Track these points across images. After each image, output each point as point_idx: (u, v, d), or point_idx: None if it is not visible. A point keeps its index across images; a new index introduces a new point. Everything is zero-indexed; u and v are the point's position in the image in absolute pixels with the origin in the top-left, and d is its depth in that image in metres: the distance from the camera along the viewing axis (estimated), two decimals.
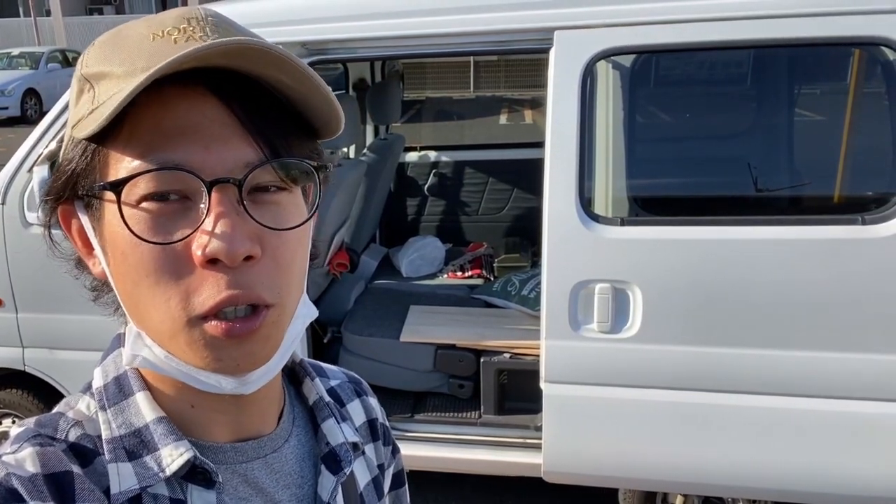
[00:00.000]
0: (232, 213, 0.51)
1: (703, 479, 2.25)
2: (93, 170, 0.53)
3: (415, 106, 12.51)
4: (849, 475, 2.13)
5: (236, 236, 0.50)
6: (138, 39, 0.52)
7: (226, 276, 0.51)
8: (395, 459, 0.80)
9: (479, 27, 2.19)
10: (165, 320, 0.52)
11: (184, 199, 0.52)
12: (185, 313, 0.52)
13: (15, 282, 2.61)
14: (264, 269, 0.53)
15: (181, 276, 0.51)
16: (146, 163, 0.50)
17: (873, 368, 2.04)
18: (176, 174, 0.50)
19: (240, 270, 0.51)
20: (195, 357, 0.53)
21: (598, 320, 2.15)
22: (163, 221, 0.51)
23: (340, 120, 0.57)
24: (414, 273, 3.70)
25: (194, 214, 0.51)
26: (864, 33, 1.96)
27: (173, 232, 0.51)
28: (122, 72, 0.51)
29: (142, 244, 0.51)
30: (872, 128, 2.33)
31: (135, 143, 0.51)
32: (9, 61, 15.77)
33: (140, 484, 0.55)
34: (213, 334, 0.52)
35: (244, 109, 0.52)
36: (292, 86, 0.53)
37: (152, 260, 0.51)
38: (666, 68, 2.86)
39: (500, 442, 2.54)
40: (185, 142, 0.51)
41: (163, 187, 0.51)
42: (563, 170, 2.11)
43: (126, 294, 0.55)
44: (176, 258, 0.51)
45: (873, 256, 1.99)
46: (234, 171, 0.51)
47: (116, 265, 0.54)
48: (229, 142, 0.52)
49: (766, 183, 2.44)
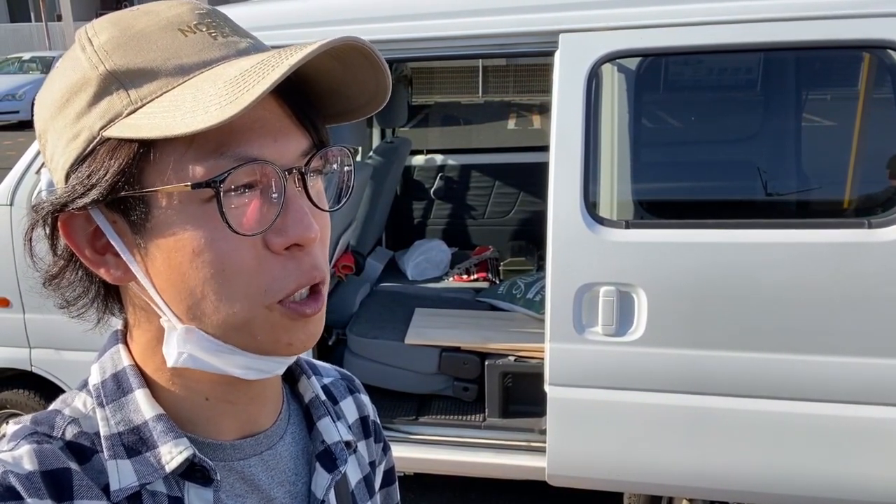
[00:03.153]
0: (303, 200, 0.54)
1: (708, 484, 2.24)
2: (139, 173, 0.51)
3: (423, 111, 12.51)
4: (854, 479, 2.12)
5: (310, 222, 0.53)
6: (163, 35, 0.53)
7: (301, 259, 0.54)
8: (385, 457, 0.80)
9: (483, 30, 2.19)
10: (244, 308, 0.54)
11: (251, 189, 0.53)
12: (265, 298, 0.54)
13: (22, 282, 2.62)
14: (319, 248, 0.56)
15: (261, 263, 0.53)
16: (224, 160, 0.51)
17: (880, 373, 2.03)
18: (253, 167, 0.52)
19: (309, 252, 0.55)
20: (269, 341, 0.55)
21: (603, 323, 2.14)
22: (243, 213, 0.52)
23: (386, 95, 0.59)
24: (419, 276, 3.71)
25: (268, 203, 0.53)
26: (870, 36, 1.96)
27: (252, 222, 0.53)
28: (170, 68, 0.51)
29: (226, 237, 0.52)
30: (880, 132, 2.32)
31: (201, 142, 0.50)
32: (20, 66, 15.89)
33: (140, 481, 0.55)
34: (289, 318, 0.55)
35: (293, 102, 0.55)
36: (349, 81, 0.56)
37: (234, 251, 0.52)
38: (671, 72, 2.85)
39: (504, 445, 2.54)
40: (255, 136, 0.52)
41: (249, 179, 0.52)
42: (568, 173, 2.11)
43: (184, 293, 0.54)
44: (254, 246, 0.53)
45: (879, 260, 1.98)
46: (296, 160, 0.54)
47: (173, 266, 0.53)
48: (290, 133, 0.54)
49: (771, 186, 2.43)
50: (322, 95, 0.58)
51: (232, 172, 0.51)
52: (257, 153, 0.52)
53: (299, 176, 0.54)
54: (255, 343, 0.55)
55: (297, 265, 0.54)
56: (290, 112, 0.55)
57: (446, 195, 4.25)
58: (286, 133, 0.54)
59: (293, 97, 0.55)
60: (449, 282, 3.67)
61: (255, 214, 0.53)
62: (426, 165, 4.31)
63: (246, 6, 2.52)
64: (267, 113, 0.53)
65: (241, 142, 0.52)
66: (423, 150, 4.38)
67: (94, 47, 0.53)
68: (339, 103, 0.59)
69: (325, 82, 0.56)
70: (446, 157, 4.31)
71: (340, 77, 0.56)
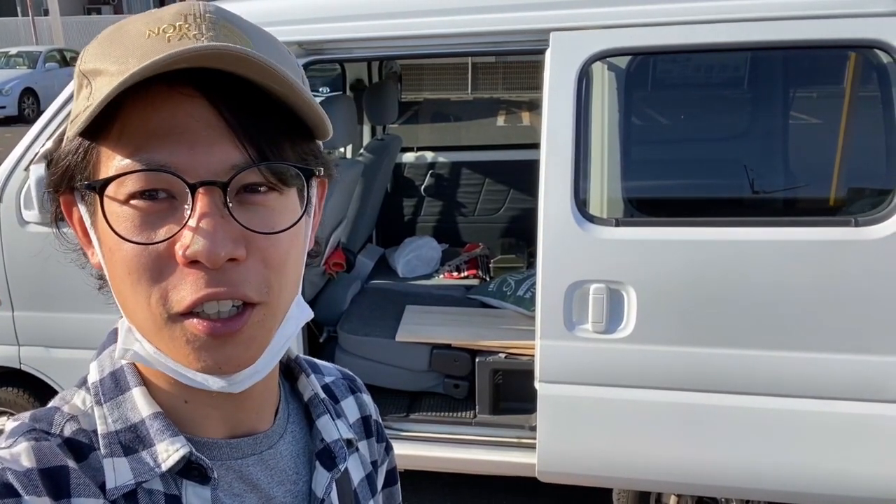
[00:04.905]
0: (216, 215, 0.51)
1: (697, 480, 2.26)
2: (87, 165, 0.54)
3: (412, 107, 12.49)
4: (841, 475, 2.14)
5: (218, 238, 0.50)
6: (135, 36, 0.52)
7: (206, 274, 0.51)
8: (388, 457, 0.80)
9: (475, 28, 2.20)
10: (147, 318, 0.53)
11: (171, 197, 0.52)
12: (165, 310, 0.52)
13: (11, 280, 2.61)
14: (251, 269, 0.52)
15: (163, 274, 0.51)
16: (133, 162, 0.51)
17: (866, 369, 2.05)
18: (161, 175, 0.50)
19: (223, 270, 0.51)
20: (178, 354, 0.53)
21: (593, 321, 2.16)
22: (149, 220, 0.51)
23: (327, 126, 0.56)
24: (410, 273, 3.71)
25: (179, 214, 0.51)
26: (858, 36, 1.98)
27: (158, 230, 0.51)
28: (115, 69, 0.50)
29: (125, 242, 0.51)
30: (867, 131, 2.34)
31: (124, 142, 0.51)
32: (6, 61, 15.74)
33: (136, 479, 0.55)
34: (193, 332, 0.52)
35: (231, 111, 0.52)
36: (279, 90, 0.53)
37: (135, 258, 0.51)
38: (661, 70, 2.87)
39: (494, 442, 2.55)
40: (170, 143, 0.50)
41: (150, 185, 0.51)
42: (559, 171, 2.12)
43: (116, 291, 0.56)
44: (158, 257, 0.51)
45: (866, 258, 2.00)
46: (220, 173, 0.51)
47: (107, 261, 0.55)
48: (216, 143, 0.51)
49: (760, 185, 2.45)
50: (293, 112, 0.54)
51: (127, 176, 0.51)
52: (166, 160, 0.50)
53: (219, 190, 0.51)
54: (173, 354, 0.54)
55: (196, 279, 0.51)
56: (224, 122, 0.52)
57: (437, 192, 4.25)
58: (209, 143, 0.51)
59: (234, 106, 0.52)
60: (439, 279, 3.67)
61: (147, 220, 0.51)
62: (417, 162, 4.31)
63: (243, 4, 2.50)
64: (190, 120, 0.51)
65: (153, 147, 0.50)
66: (414, 148, 4.38)
67: (90, 44, 0.55)
68: (306, 120, 0.55)
69: (278, 97, 0.53)
70: (437, 155, 4.31)
71: (283, 92, 0.52)
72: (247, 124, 0.52)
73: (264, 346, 0.56)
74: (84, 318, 2.50)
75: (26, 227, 2.53)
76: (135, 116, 0.51)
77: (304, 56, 2.35)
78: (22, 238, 2.54)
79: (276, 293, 0.55)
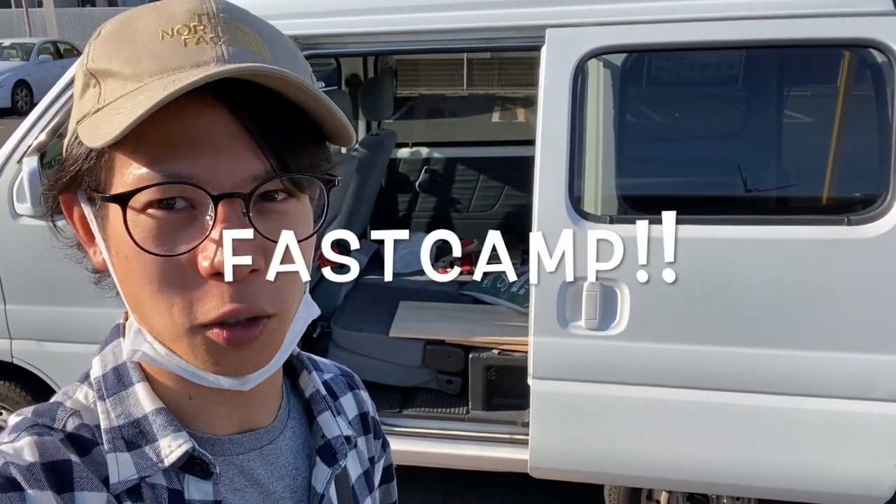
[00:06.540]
0: (238, 227, 0.50)
1: (688, 476, 2.27)
2: (99, 170, 0.53)
3: (408, 103, 12.47)
4: (832, 473, 2.15)
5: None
6: (147, 36, 0.51)
7: (230, 288, 0.51)
8: (385, 453, 0.81)
9: (470, 24, 2.20)
10: (168, 326, 0.53)
11: (190, 207, 0.51)
12: (188, 321, 0.52)
13: (3, 273, 2.60)
14: (268, 280, 0.52)
15: (186, 285, 0.51)
16: (153, 172, 0.50)
17: (858, 367, 2.06)
18: (184, 186, 0.50)
19: (243, 282, 0.51)
20: (196, 360, 0.54)
21: (586, 317, 2.16)
22: (168, 230, 0.51)
23: (350, 134, 0.56)
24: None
25: (200, 224, 0.51)
26: (853, 35, 1.98)
27: (179, 241, 0.51)
28: (129, 73, 0.50)
29: (145, 253, 0.51)
30: (860, 130, 2.35)
31: (142, 151, 0.50)
32: (0, 52, 15.66)
33: (139, 474, 0.56)
34: (214, 341, 0.52)
35: (253, 120, 0.51)
36: (307, 101, 0.52)
37: (156, 269, 0.51)
38: (657, 68, 2.87)
39: (487, 438, 2.55)
40: (192, 153, 0.50)
41: (169, 195, 0.51)
42: (553, 167, 2.12)
43: (129, 294, 0.55)
44: (180, 268, 0.51)
45: (859, 256, 2.01)
46: (242, 184, 0.51)
47: (120, 265, 0.54)
48: (237, 154, 0.51)
49: (754, 183, 2.46)
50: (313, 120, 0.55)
51: (145, 190, 0.50)
52: (187, 171, 0.50)
53: (241, 201, 0.51)
54: (189, 358, 0.54)
55: (220, 293, 0.51)
56: (245, 132, 0.51)
57: (431, 188, 4.25)
58: (231, 154, 0.51)
59: (255, 115, 0.52)
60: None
61: (167, 231, 0.51)
62: (411, 158, 4.31)
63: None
64: (212, 130, 0.50)
65: (174, 157, 0.50)
66: (409, 143, 4.38)
67: (94, 40, 0.54)
68: (327, 130, 0.56)
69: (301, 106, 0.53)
70: (432, 150, 4.31)
71: (311, 105, 0.53)
72: (268, 134, 0.52)
73: (277, 350, 0.57)
74: (76, 311, 2.49)
75: (19, 219, 2.52)
76: (154, 125, 0.49)
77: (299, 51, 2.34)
78: (14, 231, 2.53)
79: (289, 301, 0.56)
